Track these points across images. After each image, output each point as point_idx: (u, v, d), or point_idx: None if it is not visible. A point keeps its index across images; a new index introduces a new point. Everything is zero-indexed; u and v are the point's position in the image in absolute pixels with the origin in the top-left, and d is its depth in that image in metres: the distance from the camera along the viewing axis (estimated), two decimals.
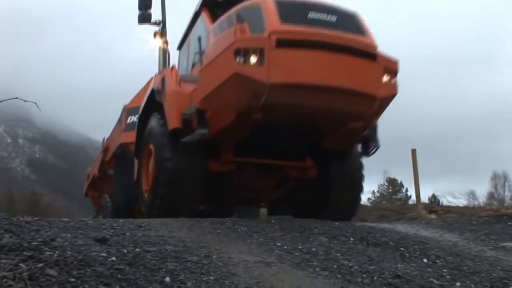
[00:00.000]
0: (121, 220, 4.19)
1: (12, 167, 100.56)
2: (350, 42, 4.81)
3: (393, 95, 5.15)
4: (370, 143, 5.53)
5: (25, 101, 3.16)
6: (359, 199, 6.38)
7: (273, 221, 4.63)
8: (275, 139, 5.40)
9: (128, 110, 9.10)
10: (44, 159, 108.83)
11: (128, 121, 8.93)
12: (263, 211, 7.91)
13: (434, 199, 17.04)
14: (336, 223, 4.72)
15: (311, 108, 4.81)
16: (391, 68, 5.09)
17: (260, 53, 4.53)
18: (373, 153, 5.61)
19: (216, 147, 5.44)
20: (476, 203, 11.71)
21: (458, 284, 3.04)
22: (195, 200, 5.54)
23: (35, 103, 3.18)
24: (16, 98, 3.11)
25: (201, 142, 5.12)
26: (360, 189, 6.19)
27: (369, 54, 4.91)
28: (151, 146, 5.78)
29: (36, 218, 3.57)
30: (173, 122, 5.31)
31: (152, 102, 5.98)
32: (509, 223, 5.89)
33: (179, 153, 5.27)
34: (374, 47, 5.00)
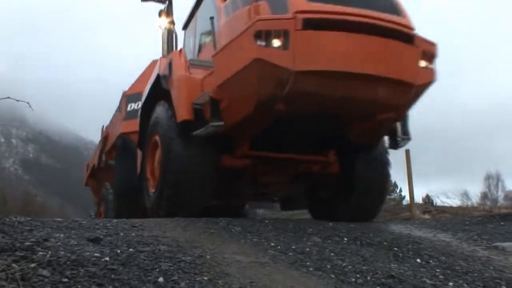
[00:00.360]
0: (114, 220, 4.19)
1: (5, 167, 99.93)
2: (385, 22, 4.28)
3: (430, 83, 4.63)
4: (399, 135, 5.02)
5: (17, 100, 3.14)
6: (385, 196, 5.87)
7: (267, 221, 4.63)
8: (296, 131, 4.91)
9: (128, 97, 8.57)
10: (37, 159, 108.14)
11: (129, 108, 8.43)
12: (276, 205, 7.71)
13: (428, 199, 17.08)
14: (330, 223, 4.72)
15: (341, 98, 4.31)
16: (430, 52, 4.56)
17: (285, 35, 4.02)
18: (402, 146, 5.14)
19: (230, 141, 4.93)
20: (469, 203, 11.74)
21: (451, 283, 3.05)
22: (206, 198, 5.09)
23: (28, 103, 3.16)
24: (9, 97, 3.09)
25: (214, 136, 4.61)
26: (386, 186, 5.66)
27: (406, 36, 4.37)
28: (157, 138, 5.27)
29: (29, 218, 3.56)
30: (183, 113, 4.77)
31: (158, 89, 5.44)
32: (502, 223, 5.91)
33: (189, 148, 4.75)
34: (411, 28, 4.45)
